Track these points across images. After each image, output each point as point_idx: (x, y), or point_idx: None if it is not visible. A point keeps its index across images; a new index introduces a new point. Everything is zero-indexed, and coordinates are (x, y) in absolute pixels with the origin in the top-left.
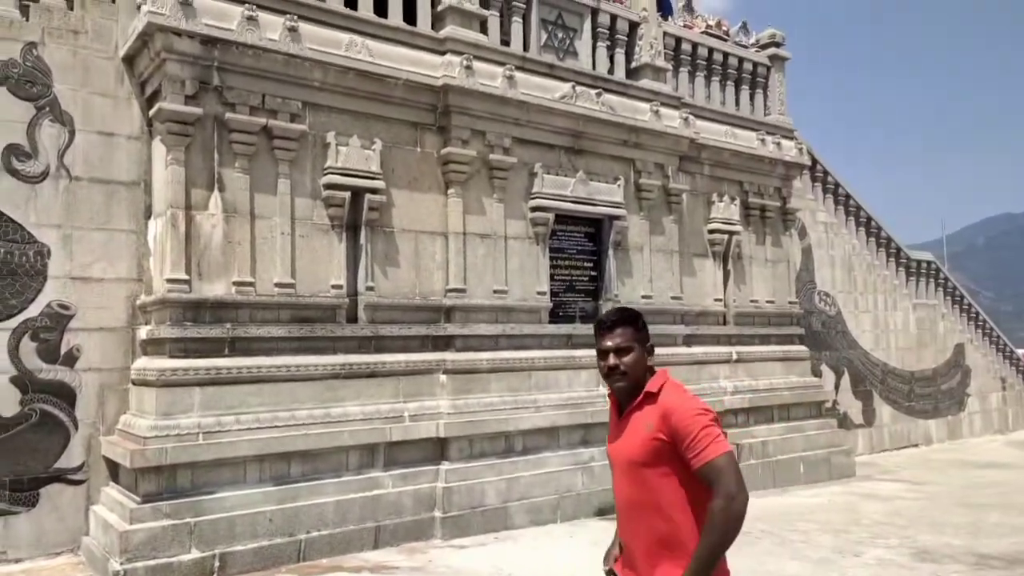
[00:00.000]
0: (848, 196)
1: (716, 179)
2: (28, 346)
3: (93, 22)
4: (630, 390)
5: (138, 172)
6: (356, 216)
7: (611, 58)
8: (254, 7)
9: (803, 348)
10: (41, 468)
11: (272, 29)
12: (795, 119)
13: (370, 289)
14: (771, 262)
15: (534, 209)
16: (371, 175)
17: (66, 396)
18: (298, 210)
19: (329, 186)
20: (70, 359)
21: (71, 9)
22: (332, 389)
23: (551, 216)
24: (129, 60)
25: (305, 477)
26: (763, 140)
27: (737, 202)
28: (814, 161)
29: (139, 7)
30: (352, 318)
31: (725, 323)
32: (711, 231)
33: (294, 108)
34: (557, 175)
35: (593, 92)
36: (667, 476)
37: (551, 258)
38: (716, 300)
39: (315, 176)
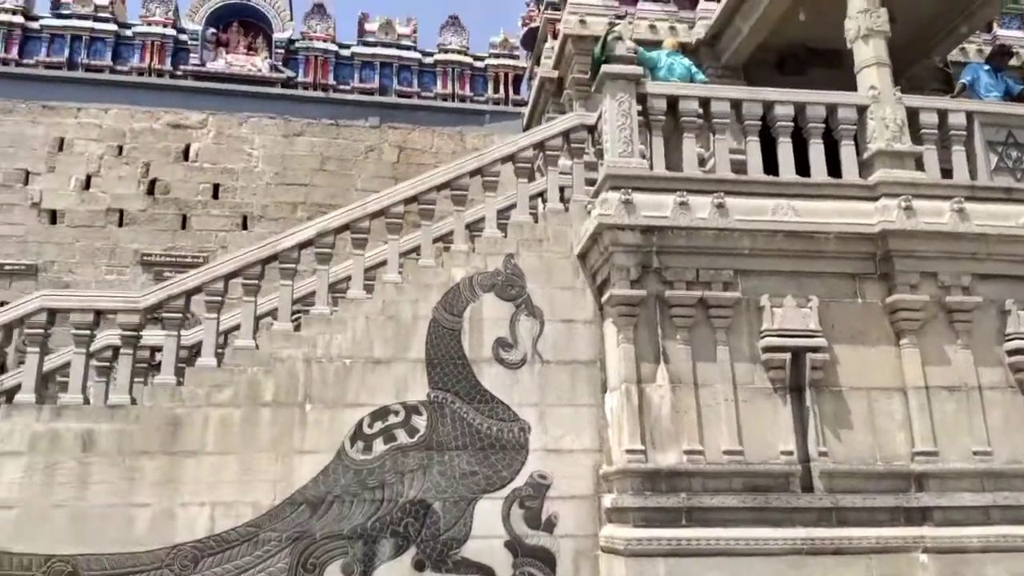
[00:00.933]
0: None
1: None
2: (516, 513)
3: (553, 230)
4: None
5: (594, 352)
6: (798, 377)
7: None
8: (684, 193)
9: None
10: None
11: (701, 209)
12: None
13: (823, 455)
14: None
15: (1012, 352)
16: (810, 333)
17: (548, 561)
18: (738, 375)
19: (767, 348)
20: (549, 526)
21: (536, 222)
22: (795, 567)
23: None
24: (582, 256)
25: None
26: None
27: None
28: None
29: (589, 212)
30: (806, 487)
31: None
32: None
33: (726, 277)
34: None
35: None
36: None
37: None
38: None
39: (752, 340)
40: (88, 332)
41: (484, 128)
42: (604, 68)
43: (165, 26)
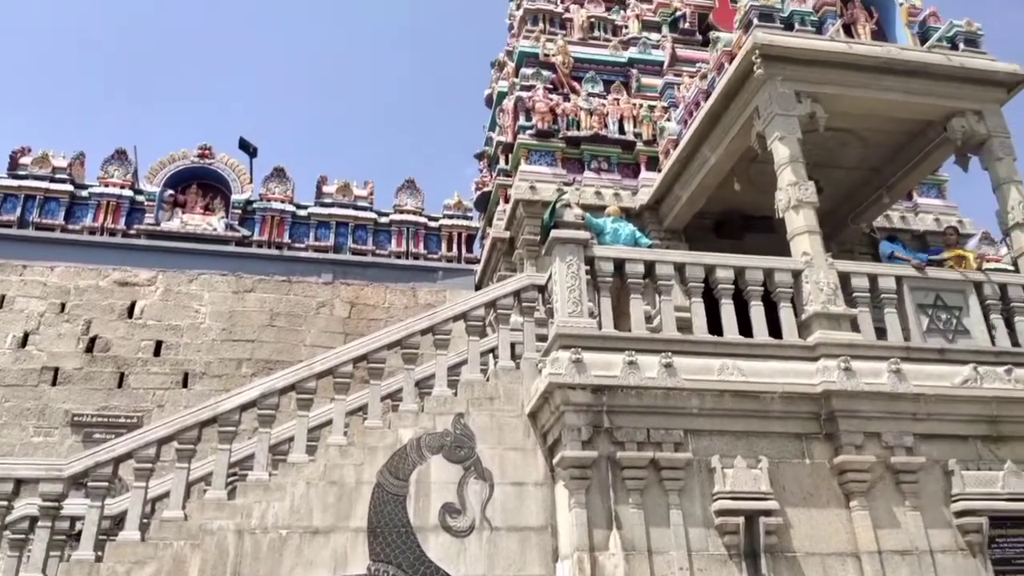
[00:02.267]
0: None
1: None
2: None
3: (504, 388)
4: None
5: (545, 517)
6: (752, 542)
7: (1011, 328)
8: (632, 352)
9: None
10: None
11: (649, 368)
12: None
13: None
14: None
15: (959, 514)
16: (761, 496)
17: None
18: (693, 541)
19: (720, 512)
20: None
21: (487, 380)
22: None
23: (983, 521)
24: (533, 416)
25: None
26: None
27: None
28: None
29: (540, 370)
30: None
31: None
32: None
33: (676, 437)
34: (979, 470)
35: (1001, 370)
36: None
37: (996, 573)
38: None
39: (705, 503)
40: (6, 503)
41: (437, 284)
42: (553, 233)
43: (122, 187)
